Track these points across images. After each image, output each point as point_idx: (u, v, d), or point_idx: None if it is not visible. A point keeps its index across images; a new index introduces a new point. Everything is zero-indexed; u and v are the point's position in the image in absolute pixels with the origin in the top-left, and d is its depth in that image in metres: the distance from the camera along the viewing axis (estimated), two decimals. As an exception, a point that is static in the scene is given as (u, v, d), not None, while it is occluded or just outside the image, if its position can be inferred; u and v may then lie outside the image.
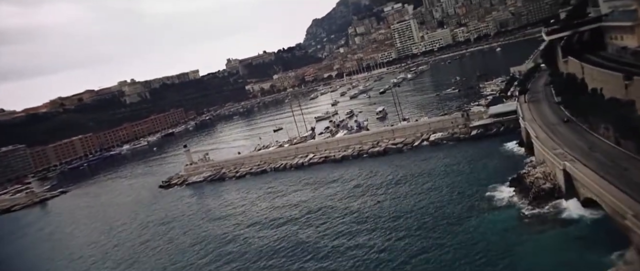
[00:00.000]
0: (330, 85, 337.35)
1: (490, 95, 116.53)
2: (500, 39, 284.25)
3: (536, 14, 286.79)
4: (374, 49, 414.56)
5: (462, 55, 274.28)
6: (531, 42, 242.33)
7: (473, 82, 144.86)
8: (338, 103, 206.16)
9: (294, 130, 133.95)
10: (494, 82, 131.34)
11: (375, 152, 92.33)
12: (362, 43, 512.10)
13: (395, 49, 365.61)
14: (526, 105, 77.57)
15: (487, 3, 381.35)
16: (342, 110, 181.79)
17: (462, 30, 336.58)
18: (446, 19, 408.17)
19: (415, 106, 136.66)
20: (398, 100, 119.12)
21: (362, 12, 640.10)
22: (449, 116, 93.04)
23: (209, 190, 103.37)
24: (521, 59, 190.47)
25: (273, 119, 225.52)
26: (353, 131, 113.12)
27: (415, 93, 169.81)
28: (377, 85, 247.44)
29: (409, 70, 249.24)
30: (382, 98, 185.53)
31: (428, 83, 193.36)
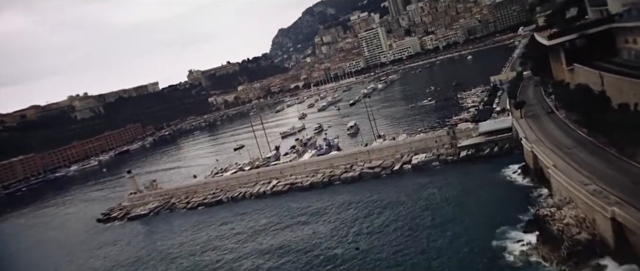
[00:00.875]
0: (298, 96, 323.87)
1: (471, 107, 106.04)
2: (469, 47, 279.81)
3: (504, 21, 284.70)
4: (341, 58, 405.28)
5: (433, 64, 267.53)
6: (502, 49, 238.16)
7: (450, 92, 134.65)
8: (306, 116, 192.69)
9: (256, 149, 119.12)
10: (473, 93, 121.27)
11: (348, 177, 78.75)
12: (329, 52, 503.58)
13: (363, 58, 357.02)
14: (524, 122, 66.13)
15: (453, 11, 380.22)
16: (310, 124, 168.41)
17: (430, 38, 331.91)
18: (413, 27, 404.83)
19: (390, 120, 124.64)
20: (372, 116, 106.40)
21: (328, 21, 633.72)
22: (433, 134, 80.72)
23: (152, 226, 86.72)
24: (495, 66, 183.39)
25: (235, 135, 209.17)
26: (322, 151, 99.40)
27: (388, 104, 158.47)
28: (347, 95, 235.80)
29: (379, 80, 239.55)
30: (353, 111, 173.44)
31: (400, 93, 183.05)
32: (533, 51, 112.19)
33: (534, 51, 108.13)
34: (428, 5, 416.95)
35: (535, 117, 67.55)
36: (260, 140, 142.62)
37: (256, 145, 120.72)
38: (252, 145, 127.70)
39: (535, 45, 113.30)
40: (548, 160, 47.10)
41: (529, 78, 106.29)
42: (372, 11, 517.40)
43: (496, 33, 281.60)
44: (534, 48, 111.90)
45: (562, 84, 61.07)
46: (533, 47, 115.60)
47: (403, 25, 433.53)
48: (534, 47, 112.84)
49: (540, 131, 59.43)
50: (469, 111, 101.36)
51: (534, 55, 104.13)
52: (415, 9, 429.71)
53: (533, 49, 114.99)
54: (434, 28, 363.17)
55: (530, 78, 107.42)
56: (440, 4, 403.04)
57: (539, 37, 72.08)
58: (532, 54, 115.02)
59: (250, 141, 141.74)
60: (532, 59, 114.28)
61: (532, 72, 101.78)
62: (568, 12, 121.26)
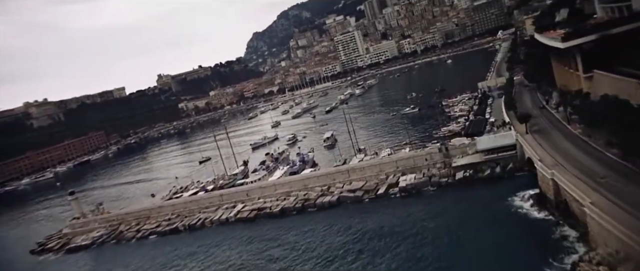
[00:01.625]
0: (272, 101, 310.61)
1: (460, 117, 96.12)
2: (448, 50, 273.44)
3: (482, 24, 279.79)
4: (317, 62, 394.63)
5: (411, 68, 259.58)
6: (481, 53, 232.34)
7: (434, 99, 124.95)
8: (279, 124, 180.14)
9: (227, 162, 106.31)
10: (460, 100, 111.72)
11: (325, 202, 67.07)
12: (304, 56, 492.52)
13: (339, 62, 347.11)
14: (531, 139, 56.07)
15: (429, 15, 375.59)
16: (284, 133, 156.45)
17: (408, 41, 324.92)
18: (390, 31, 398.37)
19: (371, 130, 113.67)
20: (352, 127, 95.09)
21: (304, 25, 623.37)
22: (422, 150, 69.82)
23: (92, 263, 72.70)
24: (477, 71, 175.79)
25: (204, 144, 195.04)
26: (295, 168, 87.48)
27: (368, 112, 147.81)
28: (323, 101, 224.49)
29: (357, 85, 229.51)
30: (329, 118, 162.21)
31: (380, 99, 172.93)
32: (526, 55, 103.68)
33: (527, 55, 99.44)
34: (404, 9, 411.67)
35: (543, 133, 57.57)
36: (229, 150, 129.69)
37: (228, 154, 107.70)
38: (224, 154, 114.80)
39: (528, 48, 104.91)
40: (582, 194, 36.55)
41: (521, 85, 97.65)
42: (348, 15, 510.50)
43: (474, 37, 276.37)
44: (527, 51, 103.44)
45: (577, 94, 50.89)
46: (525, 50, 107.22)
47: (379, 28, 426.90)
48: (527, 50, 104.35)
49: (555, 151, 49.21)
50: (458, 121, 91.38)
51: (529, 59, 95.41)
52: (392, 13, 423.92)
53: (525, 52, 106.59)
54: (410, 31, 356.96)
55: (521, 84, 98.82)
56: (416, 8, 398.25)
57: (543, 38, 62.35)
58: (524, 58, 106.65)
59: (219, 152, 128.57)
60: (524, 63, 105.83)
61: (526, 78, 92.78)
62: (558, 14, 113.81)
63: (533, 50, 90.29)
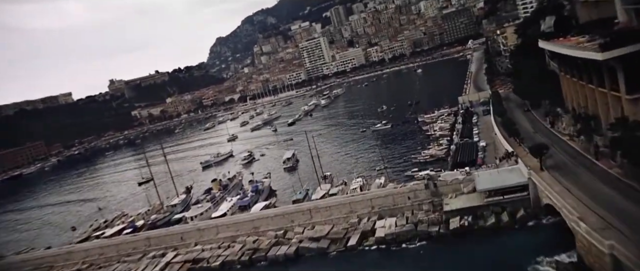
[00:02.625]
0: (232, 110, 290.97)
1: (441, 137, 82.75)
2: (417, 59, 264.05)
3: (451, 33, 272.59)
4: (281, 69, 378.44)
5: (379, 77, 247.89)
6: (452, 62, 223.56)
7: (408, 114, 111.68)
8: (236, 138, 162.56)
9: (169, 186, 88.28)
10: (438, 116, 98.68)
11: (280, 255, 51.27)
12: (268, 62, 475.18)
13: (304, 70, 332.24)
14: (551, 179, 42.45)
15: (396, 23, 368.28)
16: (241, 147, 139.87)
17: (375, 49, 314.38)
18: (356, 38, 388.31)
19: (338, 151, 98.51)
20: (314, 145, 79.46)
21: (269, 31, 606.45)
22: (404, 187, 55.01)
23: None
24: (450, 81, 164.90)
25: (153, 157, 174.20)
26: (246, 201, 71.03)
27: (334, 126, 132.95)
28: (286, 112, 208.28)
29: (322, 94, 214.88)
30: (292, 131, 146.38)
31: (347, 112, 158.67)
32: (514, 66, 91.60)
33: (516, 66, 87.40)
34: (371, 16, 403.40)
35: (563, 170, 44.01)
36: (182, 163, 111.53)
37: (170, 179, 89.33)
38: (164, 176, 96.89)
39: (515, 58, 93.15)
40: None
41: (507, 99, 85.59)
42: (314, 21, 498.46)
43: (444, 46, 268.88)
44: (515, 62, 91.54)
45: (618, 122, 37.42)
46: (512, 62, 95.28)
47: (346, 36, 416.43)
48: (514, 61, 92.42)
49: (594, 201, 35.44)
50: (440, 143, 77.87)
51: (518, 72, 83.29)
52: (358, 20, 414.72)
53: (513, 63, 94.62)
54: (378, 39, 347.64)
55: (508, 99, 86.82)
56: (383, 16, 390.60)
57: (557, 47, 49.14)
58: (512, 70, 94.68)
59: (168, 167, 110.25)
60: (509, 75, 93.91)
61: (517, 94, 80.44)
62: (543, 22, 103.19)
63: (527, 61, 78.19)
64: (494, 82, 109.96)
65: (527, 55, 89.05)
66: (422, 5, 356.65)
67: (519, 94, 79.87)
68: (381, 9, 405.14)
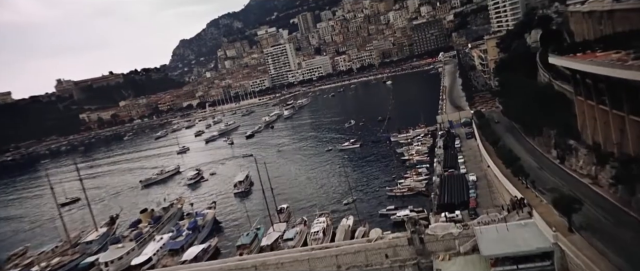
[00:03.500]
0: (190, 117, 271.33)
1: (420, 163, 70.81)
2: (386, 70, 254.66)
3: (421, 45, 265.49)
4: (245, 75, 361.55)
5: (347, 87, 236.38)
6: (422, 75, 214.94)
7: (380, 132, 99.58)
8: (187, 151, 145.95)
9: (97, 206, 71.79)
10: (414, 136, 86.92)
11: None
12: (232, 67, 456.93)
13: (269, 77, 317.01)
14: (584, 244, 30.29)
15: (365, 32, 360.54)
16: (191, 162, 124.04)
17: (343, 58, 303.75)
18: (324, 46, 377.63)
19: (299, 175, 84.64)
20: (268, 174, 65.30)
21: (234, 35, 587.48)
22: (381, 240, 41.76)
23: None
24: (422, 95, 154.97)
25: (91, 171, 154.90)
26: (180, 240, 56.13)
27: (296, 142, 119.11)
28: (246, 122, 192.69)
29: (286, 104, 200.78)
30: (249, 145, 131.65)
31: (311, 125, 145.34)
32: (501, 83, 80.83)
33: (504, 84, 76.66)
34: (339, 25, 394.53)
35: (602, 234, 31.90)
36: (121, 177, 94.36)
37: (105, 198, 72.70)
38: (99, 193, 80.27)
39: (503, 75, 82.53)
40: None
41: (492, 120, 74.87)
42: (281, 27, 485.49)
43: (413, 57, 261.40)
44: (503, 80, 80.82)
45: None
46: (500, 79, 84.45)
47: (313, 43, 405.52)
48: (502, 77, 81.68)
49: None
50: (418, 171, 65.70)
51: (506, 90, 72.51)
52: (326, 27, 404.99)
53: (500, 80, 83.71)
54: (345, 48, 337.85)
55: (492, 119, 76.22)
56: (351, 24, 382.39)
57: (582, 65, 37.51)
58: (498, 87, 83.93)
59: (99, 188, 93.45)
60: (500, 94, 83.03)
61: (508, 117, 69.46)
62: (528, 36, 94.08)
63: (516, 78, 67.62)
64: (473, 99, 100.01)
65: (514, 71, 79.27)
66: (391, 15, 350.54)
67: (510, 116, 69.06)
68: (350, 17, 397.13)
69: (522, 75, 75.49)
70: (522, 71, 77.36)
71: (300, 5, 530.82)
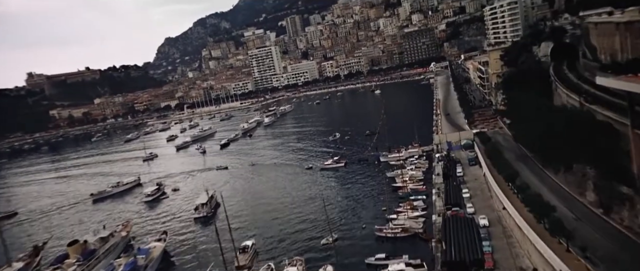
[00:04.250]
0: (166, 119, 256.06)
1: (415, 192, 59.69)
2: (375, 78, 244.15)
3: (412, 54, 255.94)
4: (228, 77, 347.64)
5: (333, 95, 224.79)
6: (413, 85, 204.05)
7: (368, 150, 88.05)
8: (154, 158, 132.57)
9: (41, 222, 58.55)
10: (407, 157, 75.79)
11: None
12: (216, 68, 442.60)
13: (252, 80, 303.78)
14: None
15: (354, 38, 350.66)
16: (154, 171, 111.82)
17: (330, 64, 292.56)
18: (311, 51, 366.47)
19: (272, 197, 72.31)
20: (225, 211, 53.18)
21: (220, 35, 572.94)
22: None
23: None
24: (412, 108, 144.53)
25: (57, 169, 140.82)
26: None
27: (273, 156, 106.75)
28: (224, 127, 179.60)
29: (268, 110, 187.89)
30: (223, 155, 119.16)
31: (293, 135, 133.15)
32: (510, 101, 69.96)
33: (519, 104, 65.67)
34: (328, 29, 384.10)
35: None
36: (73, 185, 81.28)
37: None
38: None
39: (511, 92, 71.95)
40: None
41: (498, 144, 64.41)
42: (269, 29, 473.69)
43: (403, 66, 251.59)
44: (512, 99, 70.12)
45: None
46: (513, 97, 73.57)
47: (301, 47, 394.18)
48: (515, 96, 70.78)
49: None
50: (414, 206, 54.35)
51: (523, 112, 61.57)
52: (315, 31, 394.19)
53: (508, 98, 72.94)
54: (333, 53, 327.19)
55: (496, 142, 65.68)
56: (340, 29, 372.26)
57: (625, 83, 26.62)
58: (503, 105, 73.05)
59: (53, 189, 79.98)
60: (507, 114, 72.15)
61: (524, 144, 58.52)
62: (538, 49, 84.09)
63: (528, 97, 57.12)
64: (473, 116, 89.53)
65: (524, 88, 68.98)
66: (381, 22, 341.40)
67: (521, 142, 58.38)
68: (339, 22, 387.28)
69: (534, 93, 65.36)
70: (533, 88, 67.23)
71: (289, 8, 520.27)
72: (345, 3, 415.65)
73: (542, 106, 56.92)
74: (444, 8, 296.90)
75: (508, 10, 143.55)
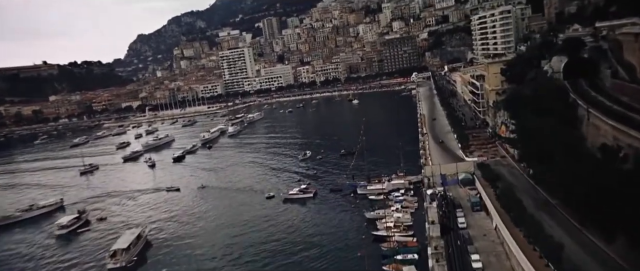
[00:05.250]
0: (124, 122, 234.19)
1: (401, 246, 44.50)
2: (352, 87, 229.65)
3: (392, 62, 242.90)
4: (199, 78, 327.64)
5: (308, 102, 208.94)
6: (394, 96, 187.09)
7: (343, 177, 72.33)
8: (94, 171, 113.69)
9: None
10: (390, 191, 60.75)
11: None
12: (188, 68, 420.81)
13: (222, 82, 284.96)
14: None
15: (332, 43, 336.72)
16: (88, 188, 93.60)
17: (306, 69, 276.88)
18: (288, 55, 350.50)
19: (216, 243, 55.64)
20: None
21: (194, 34, 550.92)
22: None
23: None
24: (393, 122, 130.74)
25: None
26: None
27: (230, 175, 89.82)
28: (184, 134, 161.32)
29: (235, 118, 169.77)
30: (173, 171, 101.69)
31: (258, 150, 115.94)
32: (522, 130, 55.40)
33: (527, 131, 51.43)
34: (306, 33, 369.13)
35: None
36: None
37: None
38: None
39: (522, 116, 57.93)
40: None
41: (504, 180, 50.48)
42: (245, 30, 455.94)
43: (383, 75, 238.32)
44: (524, 126, 55.97)
45: None
46: (526, 122, 59.22)
47: (277, 50, 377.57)
48: (528, 121, 56.58)
49: None
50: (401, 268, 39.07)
51: (548, 146, 47.17)
52: (292, 34, 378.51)
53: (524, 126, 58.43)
54: (310, 58, 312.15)
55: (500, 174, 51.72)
56: (318, 33, 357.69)
57: None
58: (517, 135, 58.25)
59: None
60: (525, 150, 57.66)
61: (547, 190, 44.00)
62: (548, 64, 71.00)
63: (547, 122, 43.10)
64: (468, 140, 75.44)
65: (538, 110, 55.33)
66: (361, 28, 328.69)
67: (543, 185, 44.19)
68: (318, 26, 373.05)
69: (551, 118, 51.64)
70: (549, 112, 53.64)
71: (267, 9, 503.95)
72: (325, 7, 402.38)
73: (570, 141, 43.10)
74: (426, 16, 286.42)
75: (500, 19, 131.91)
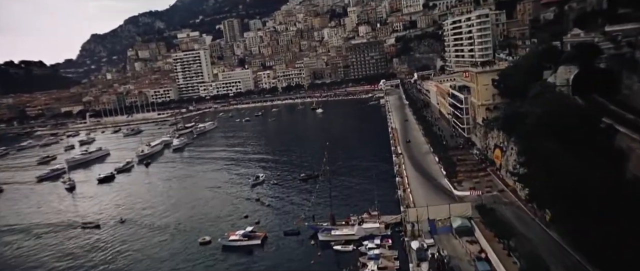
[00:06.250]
0: (59, 129, 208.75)
1: None
2: (317, 94, 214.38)
3: (359, 68, 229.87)
4: (152, 81, 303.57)
5: (268, 110, 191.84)
6: (360, 105, 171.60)
7: (299, 219, 56.04)
8: None
9: None
10: (359, 238, 45.67)
11: None
12: (143, 70, 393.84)
13: (176, 87, 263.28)
14: None
15: (296, 47, 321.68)
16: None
17: (267, 74, 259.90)
18: (249, 58, 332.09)
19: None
20: None
21: (151, 35, 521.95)
22: None
23: None
24: (358, 137, 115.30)
25: None
26: None
27: (160, 209, 71.79)
28: (123, 146, 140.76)
29: (183, 128, 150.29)
30: (97, 197, 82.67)
31: (203, 169, 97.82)
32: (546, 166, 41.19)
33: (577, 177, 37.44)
34: (268, 36, 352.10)
35: None
36: None
37: None
38: None
39: (530, 141, 44.09)
40: None
41: (508, 224, 36.62)
42: (206, 32, 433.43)
43: (349, 81, 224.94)
44: (531, 158, 42.06)
45: None
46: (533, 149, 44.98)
47: (238, 53, 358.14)
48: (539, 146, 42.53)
49: None
50: None
51: (571, 182, 33.11)
52: (254, 37, 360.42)
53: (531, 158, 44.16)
54: (273, 62, 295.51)
55: (503, 218, 37.83)
56: (282, 37, 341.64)
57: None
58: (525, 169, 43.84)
59: None
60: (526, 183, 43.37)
61: (571, 244, 30.21)
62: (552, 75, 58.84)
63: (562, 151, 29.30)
64: (455, 167, 61.64)
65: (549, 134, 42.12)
66: (325, 32, 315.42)
67: (588, 255, 30.31)
68: (281, 29, 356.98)
69: (577, 149, 38.30)
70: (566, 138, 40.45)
71: (229, 11, 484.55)
72: (289, 10, 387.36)
73: (615, 183, 29.55)
74: (394, 21, 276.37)
75: (477, 24, 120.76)
